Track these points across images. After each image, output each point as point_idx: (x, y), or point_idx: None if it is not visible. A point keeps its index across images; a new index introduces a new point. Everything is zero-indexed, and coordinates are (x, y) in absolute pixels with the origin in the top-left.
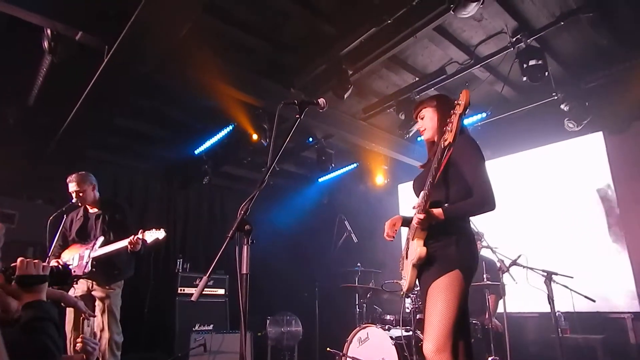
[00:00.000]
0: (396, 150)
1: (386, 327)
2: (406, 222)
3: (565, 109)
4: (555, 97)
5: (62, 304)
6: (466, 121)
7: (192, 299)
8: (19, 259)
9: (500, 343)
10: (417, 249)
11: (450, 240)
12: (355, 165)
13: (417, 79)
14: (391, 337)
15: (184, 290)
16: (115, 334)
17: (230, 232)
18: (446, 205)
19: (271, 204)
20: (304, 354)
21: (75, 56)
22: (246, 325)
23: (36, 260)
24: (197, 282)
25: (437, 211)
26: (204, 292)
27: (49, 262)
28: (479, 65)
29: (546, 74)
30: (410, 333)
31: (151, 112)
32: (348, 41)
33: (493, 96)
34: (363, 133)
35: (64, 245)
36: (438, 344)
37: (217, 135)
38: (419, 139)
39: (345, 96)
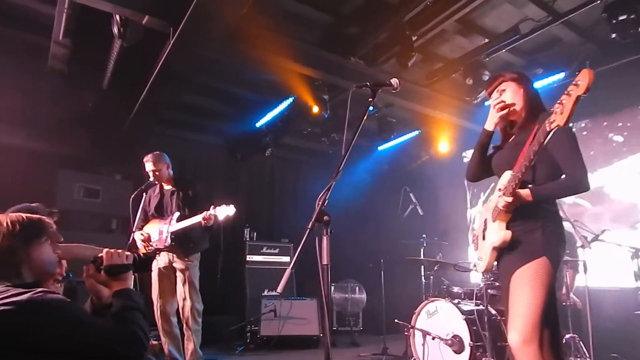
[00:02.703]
0: (461, 116)
1: (455, 301)
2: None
3: None
4: None
5: None
6: (543, 82)
7: (278, 290)
8: (105, 250)
9: (579, 319)
10: (500, 232)
11: (536, 224)
12: (417, 132)
13: (486, 40)
14: (462, 312)
15: (252, 257)
16: (196, 303)
17: (310, 224)
18: (530, 186)
19: (332, 174)
20: (369, 324)
21: (143, 39)
22: (329, 315)
23: (120, 250)
24: (264, 250)
25: (525, 192)
26: (270, 260)
27: (134, 236)
28: (558, 22)
29: (639, 29)
30: (481, 307)
31: (214, 88)
32: (412, 5)
33: (573, 54)
34: (426, 100)
35: (145, 220)
36: (525, 335)
37: (278, 108)
38: (486, 103)
39: (410, 64)
